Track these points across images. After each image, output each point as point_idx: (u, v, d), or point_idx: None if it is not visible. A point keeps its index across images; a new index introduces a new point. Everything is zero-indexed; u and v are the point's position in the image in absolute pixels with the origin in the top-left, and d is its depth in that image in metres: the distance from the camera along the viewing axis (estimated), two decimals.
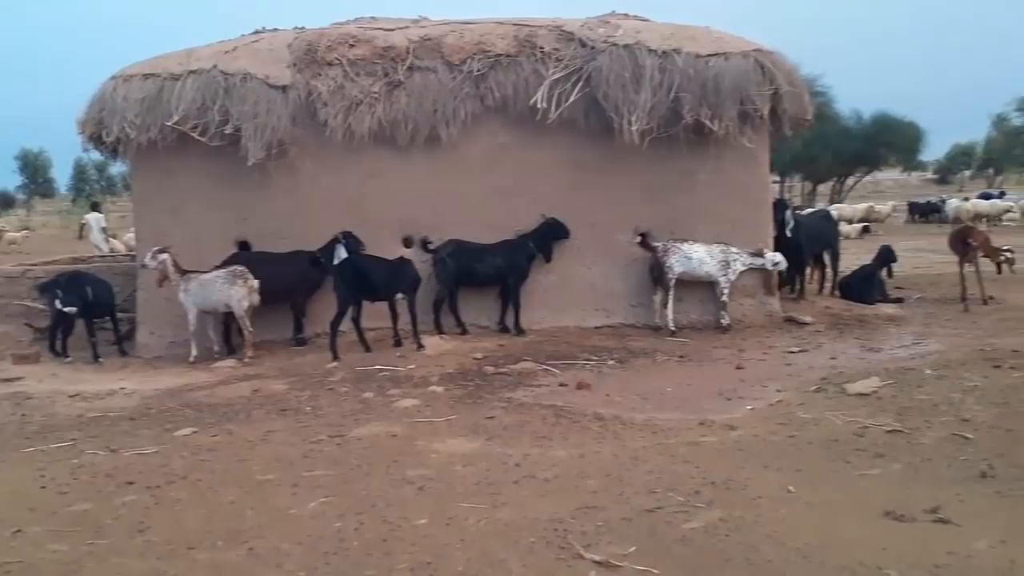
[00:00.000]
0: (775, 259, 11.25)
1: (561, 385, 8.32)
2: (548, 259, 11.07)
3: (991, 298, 12.38)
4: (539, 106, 10.63)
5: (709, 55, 10.72)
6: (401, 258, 10.73)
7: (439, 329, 10.82)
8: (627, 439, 6.42)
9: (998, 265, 13.29)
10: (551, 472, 5.69)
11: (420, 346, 10.05)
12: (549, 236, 11.03)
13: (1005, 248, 13.37)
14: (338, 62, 11.02)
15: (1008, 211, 34.14)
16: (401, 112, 10.86)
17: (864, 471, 5.53)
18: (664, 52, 10.68)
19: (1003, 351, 8.87)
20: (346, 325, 10.23)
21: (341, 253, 10.57)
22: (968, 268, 12.47)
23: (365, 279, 10.12)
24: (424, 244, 11.07)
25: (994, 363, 8.32)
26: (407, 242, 11.36)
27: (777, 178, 44.93)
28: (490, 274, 10.93)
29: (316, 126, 10.96)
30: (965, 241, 12.55)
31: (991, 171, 69.64)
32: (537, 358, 9.45)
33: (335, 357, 9.79)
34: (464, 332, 10.93)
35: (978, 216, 32.29)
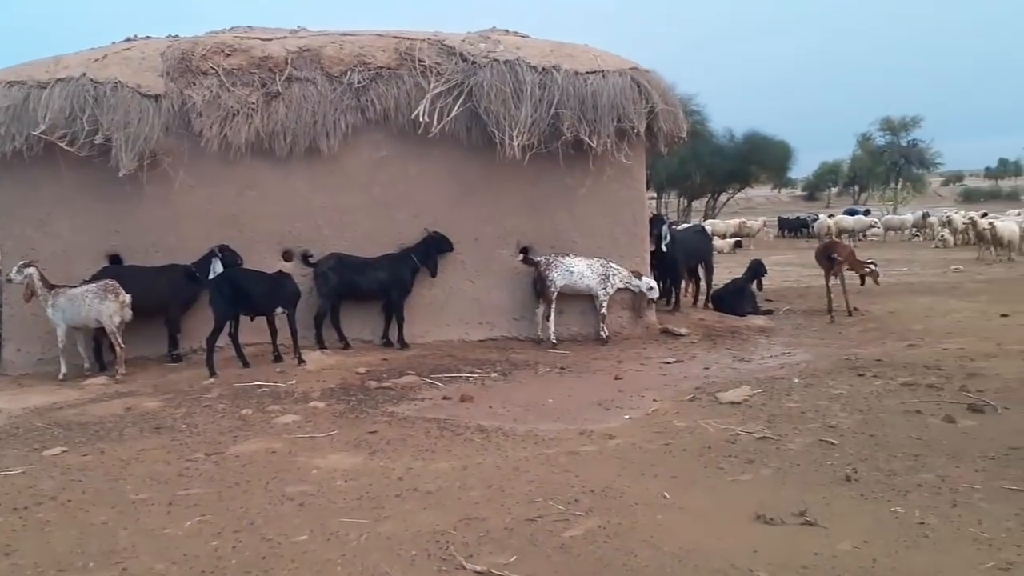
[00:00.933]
0: (650, 284, 11.54)
1: (445, 398, 8.33)
2: (433, 273, 11.05)
3: (856, 309, 12.98)
4: (421, 120, 10.64)
5: (587, 72, 10.93)
6: (280, 272, 10.55)
7: (321, 344, 10.68)
8: (509, 450, 6.48)
9: (862, 278, 13.92)
10: (434, 485, 5.70)
11: (301, 361, 9.91)
12: (433, 250, 11.02)
13: (869, 261, 14.00)
14: (213, 71, 10.79)
15: (872, 227, 35.86)
16: (279, 123, 10.69)
17: (736, 477, 5.73)
18: (544, 69, 10.85)
19: (867, 360, 9.38)
20: (223, 340, 10.00)
21: (217, 267, 10.36)
22: (834, 281, 13.06)
23: (243, 293, 9.92)
24: (305, 258, 10.93)
25: (858, 372, 8.81)
26: (287, 256, 11.17)
27: (654, 194, 46.10)
28: (373, 288, 10.85)
29: (191, 136, 10.69)
30: (831, 256, 13.13)
31: (856, 188, 73.02)
32: (421, 372, 9.44)
33: (212, 373, 9.55)
34: (347, 347, 10.81)
35: (843, 231, 33.83)
